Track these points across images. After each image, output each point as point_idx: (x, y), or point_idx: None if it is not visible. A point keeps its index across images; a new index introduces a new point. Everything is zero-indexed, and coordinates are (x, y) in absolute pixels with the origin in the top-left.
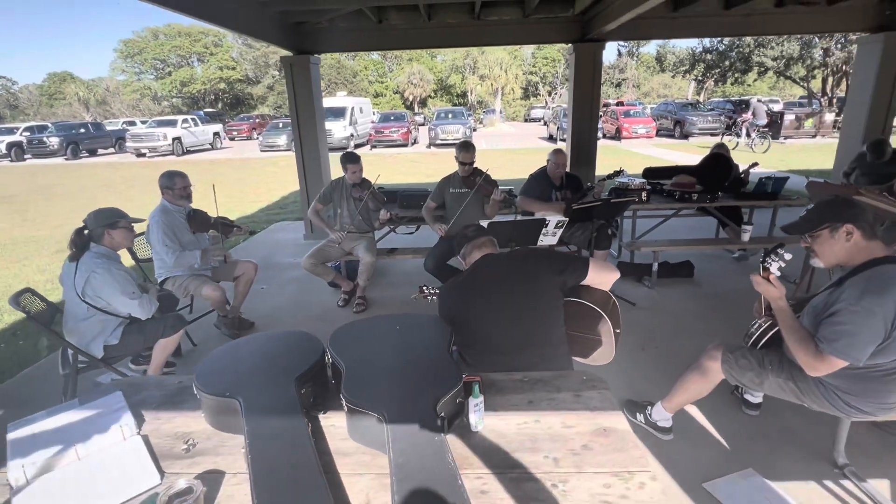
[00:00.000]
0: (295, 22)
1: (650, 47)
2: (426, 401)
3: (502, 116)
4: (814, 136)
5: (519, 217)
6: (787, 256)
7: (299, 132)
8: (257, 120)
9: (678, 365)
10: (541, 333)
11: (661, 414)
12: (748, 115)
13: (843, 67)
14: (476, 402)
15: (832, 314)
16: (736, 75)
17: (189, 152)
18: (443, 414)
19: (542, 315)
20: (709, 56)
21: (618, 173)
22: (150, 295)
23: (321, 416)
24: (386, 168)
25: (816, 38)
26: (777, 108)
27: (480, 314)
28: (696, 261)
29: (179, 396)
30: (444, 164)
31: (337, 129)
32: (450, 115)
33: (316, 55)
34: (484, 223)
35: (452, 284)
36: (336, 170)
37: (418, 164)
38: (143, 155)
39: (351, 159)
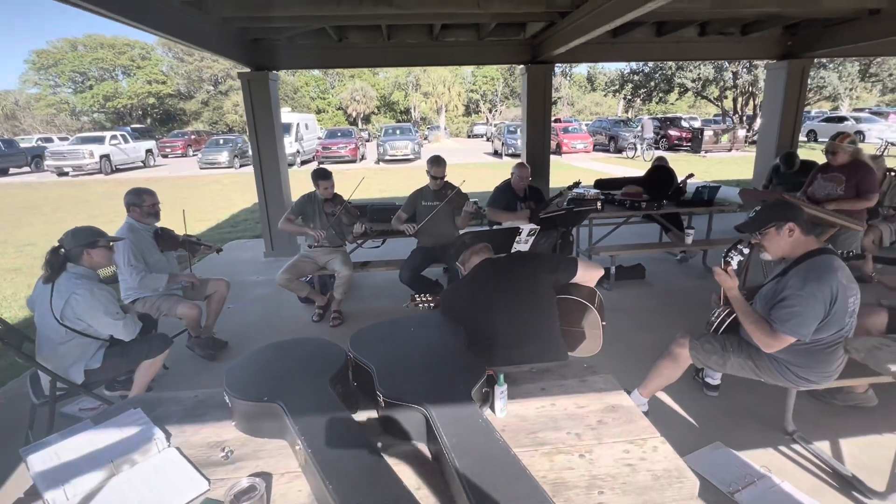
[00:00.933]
0: (253, 38)
1: (581, 68)
2: (462, 390)
3: (447, 133)
4: (729, 150)
5: (494, 227)
6: (745, 251)
7: (258, 148)
8: (192, 136)
9: (645, 356)
10: (540, 327)
11: (638, 399)
12: (639, 131)
13: (750, 89)
14: (501, 390)
15: (782, 299)
16: (660, 95)
17: (119, 170)
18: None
19: (541, 310)
20: (636, 77)
21: (576, 185)
22: (131, 315)
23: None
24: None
25: (727, 63)
26: (696, 124)
27: (485, 313)
28: (644, 263)
29: (199, 409)
30: (394, 180)
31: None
32: (397, 132)
33: (274, 72)
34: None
35: (456, 287)
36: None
37: (369, 180)
38: (66, 174)
39: (322, 176)
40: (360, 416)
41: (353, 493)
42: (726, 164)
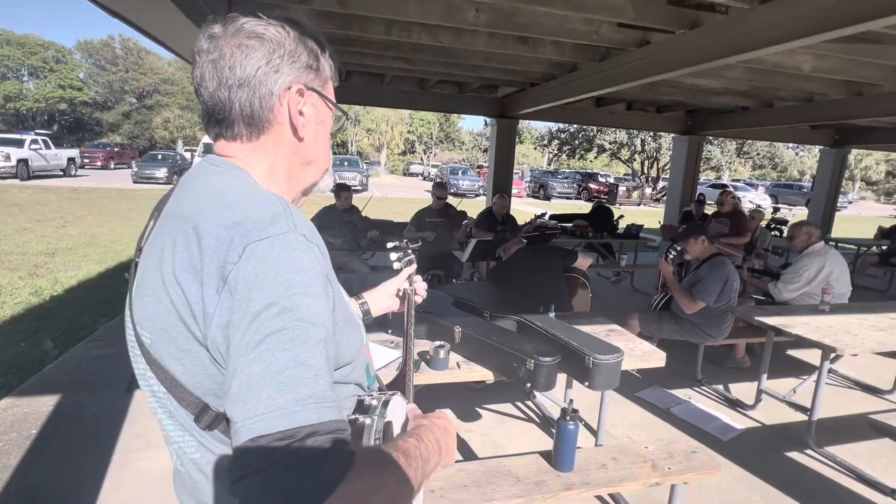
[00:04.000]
0: None
1: None
2: (531, 308)
3: (386, 169)
4: (638, 205)
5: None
6: (678, 249)
7: None
8: (116, 149)
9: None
10: (553, 290)
11: None
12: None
13: (655, 154)
14: (552, 315)
15: (699, 281)
16: (581, 152)
17: (36, 177)
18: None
19: (554, 280)
20: (562, 135)
21: (543, 215)
22: None
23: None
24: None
25: (637, 131)
26: (610, 180)
27: (521, 280)
28: None
29: None
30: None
31: None
32: (346, 163)
33: None
34: (472, 241)
35: (501, 265)
36: None
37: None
38: None
39: (344, 188)
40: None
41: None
42: (637, 215)
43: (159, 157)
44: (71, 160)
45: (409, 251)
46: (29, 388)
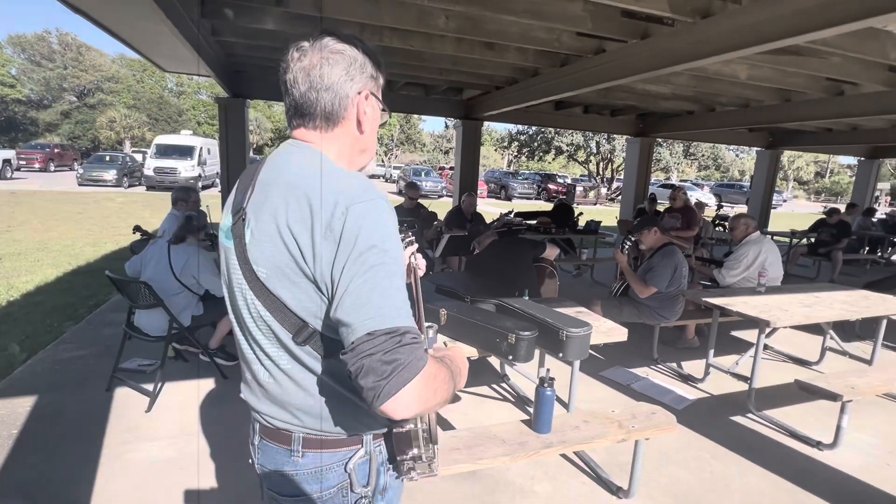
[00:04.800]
0: (235, 70)
1: None
2: (507, 293)
3: None
4: (595, 204)
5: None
6: (633, 239)
7: (227, 169)
8: (56, 150)
9: None
10: (524, 278)
11: None
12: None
13: (609, 156)
14: (526, 299)
15: (651, 269)
16: (540, 154)
17: None
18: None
19: (526, 270)
20: (522, 137)
21: (510, 212)
22: None
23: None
24: None
25: (593, 134)
26: (568, 181)
27: (494, 269)
28: None
29: None
30: None
31: (184, 168)
32: None
33: (248, 100)
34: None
35: (478, 255)
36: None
37: None
38: None
39: None
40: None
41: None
42: (594, 213)
43: (107, 158)
44: (6, 162)
45: (410, 233)
46: (0, 391)
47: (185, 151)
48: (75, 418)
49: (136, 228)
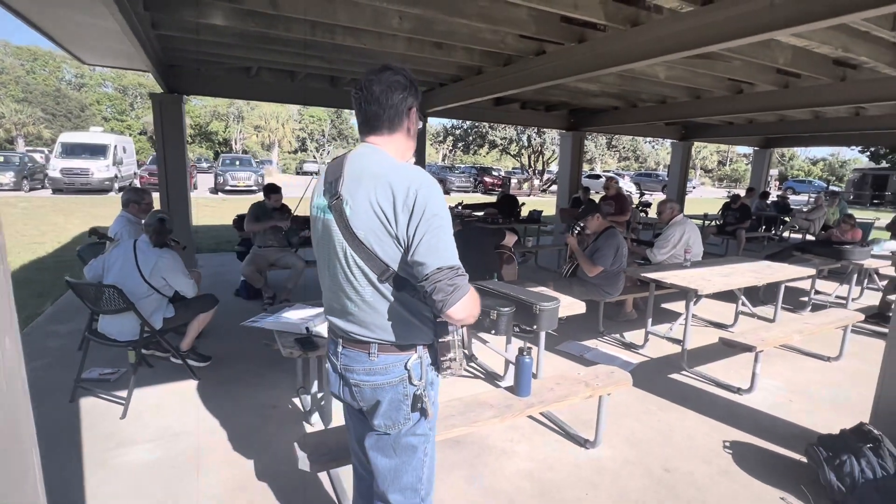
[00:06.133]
0: (170, 64)
1: None
2: (480, 277)
3: (279, 168)
4: (528, 195)
5: None
6: (582, 225)
7: (165, 168)
8: None
9: None
10: (487, 263)
11: None
12: None
13: (541, 149)
14: (496, 282)
15: (597, 250)
16: (475, 148)
17: None
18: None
19: (490, 256)
20: (457, 131)
21: (460, 204)
22: (193, 278)
23: None
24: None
25: (524, 128)
26: (502, 173)
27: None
28: None
29: None
30: (237, 209)
31: (97, 169)
32: (237, 162)
33: (185, 95)
34: None
35: None
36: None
37: (213, 209)
38: None
39: (274, 190)
40: None
41: None
42: (530, 203)
43: (1, 159)
44: None
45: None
46: None
47: (96, 150)
48: (42, 433)
49: (93, 231)
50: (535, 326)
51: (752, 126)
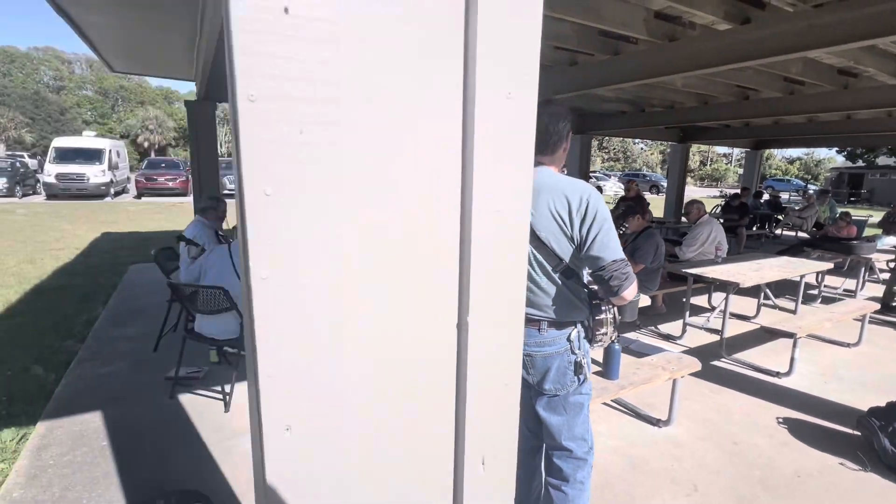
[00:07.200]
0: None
1: None
2: None
3: None
4: None
5: None
6: (626, 225)
7: (199, 172)
8: None
9: None
10: None
11: None
12: None
13: None
14: None
15: (637, 248)
16: None
17: None
18: None
19: None
20: None
21: None
22: None
23: None
24: (175, 217)
25: None
26: None
27: None
28: None
29: None
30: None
31: (93, 174)
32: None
33: (219, 102)
34: None
35: None
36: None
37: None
38: None
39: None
40: None
41: None
42: None
43: None
44: None
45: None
46: (55, 411)
47: (91, 155)
48: (155, 425)
49: (180, 237)
50: (620, 317)
51: (748, 129)
